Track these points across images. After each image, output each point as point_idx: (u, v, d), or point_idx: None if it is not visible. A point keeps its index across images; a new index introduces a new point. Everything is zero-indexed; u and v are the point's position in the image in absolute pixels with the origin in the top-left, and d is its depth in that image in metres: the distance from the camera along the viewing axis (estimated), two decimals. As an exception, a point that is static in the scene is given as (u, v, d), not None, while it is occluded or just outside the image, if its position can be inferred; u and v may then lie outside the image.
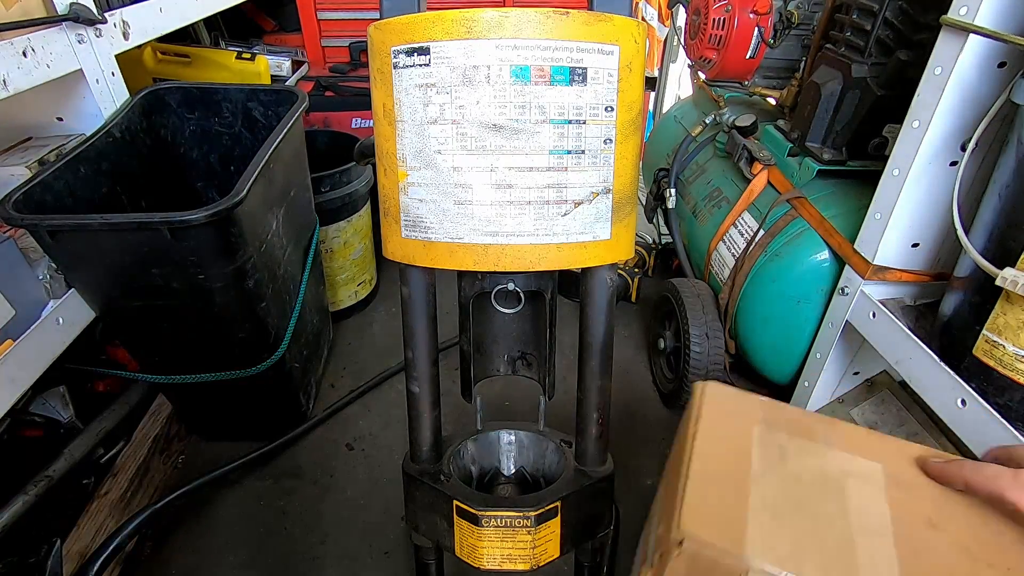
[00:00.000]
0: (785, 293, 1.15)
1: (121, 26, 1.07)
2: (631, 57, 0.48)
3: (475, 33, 0.44)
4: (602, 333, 0.58)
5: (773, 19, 1.37)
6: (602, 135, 0.48)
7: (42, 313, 0.87)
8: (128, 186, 1.08)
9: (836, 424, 0.44)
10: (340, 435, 1.33)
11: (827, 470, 0.39)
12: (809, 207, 1.14)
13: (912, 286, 0.98)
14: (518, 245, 0.49)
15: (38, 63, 0.87)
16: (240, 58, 1.65)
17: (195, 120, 1.25)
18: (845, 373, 1.14)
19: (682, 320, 1.29)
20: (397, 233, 0.52)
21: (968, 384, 0.78)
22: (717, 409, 0.44)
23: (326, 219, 1.45)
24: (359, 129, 1.89)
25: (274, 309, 1.08)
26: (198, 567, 1.06)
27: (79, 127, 1.07)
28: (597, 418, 0.61)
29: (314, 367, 1.40)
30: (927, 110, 0.83)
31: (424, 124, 0.47)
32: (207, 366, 1.07)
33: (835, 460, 0.40)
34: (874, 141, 1.09)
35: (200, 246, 0.86)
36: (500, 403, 1.40)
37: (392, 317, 1.71)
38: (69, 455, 0.99)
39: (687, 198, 1.57)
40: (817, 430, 0.42)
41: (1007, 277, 0.70)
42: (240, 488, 1.20)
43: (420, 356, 0.60)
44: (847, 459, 0.40)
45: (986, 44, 0.76)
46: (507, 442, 0.71)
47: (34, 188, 0.85)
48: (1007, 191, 0.74)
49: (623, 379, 1.51)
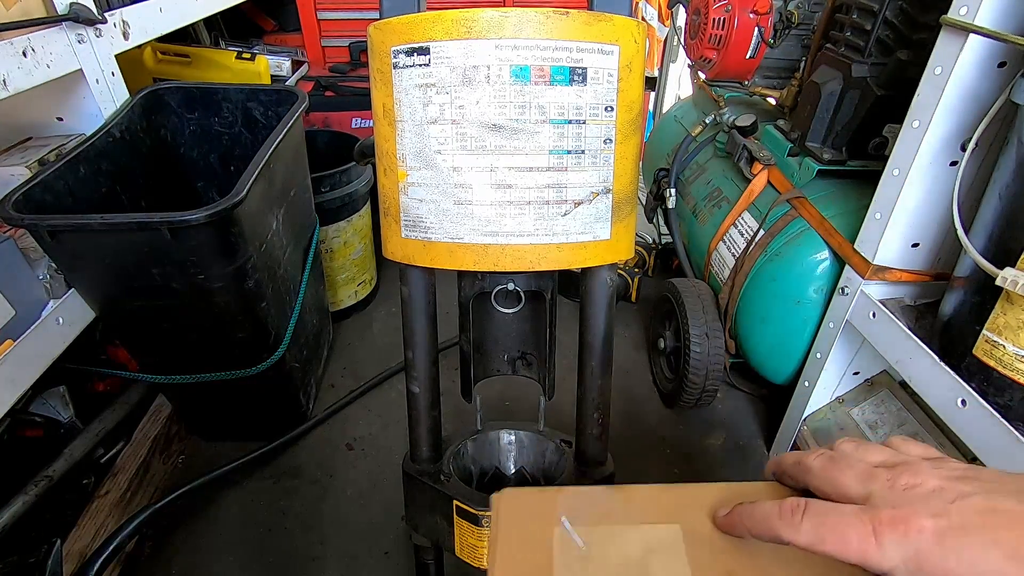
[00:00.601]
0: (785, 293, 1.15)
1: (121, 26, 1.07)
2: (631, 57, 0.48)
3: (475, 33, 0.44)
4: (602, 333, 0.58)
5: (773, 19, 1.37)
6: (602, 135, 0.48)
7: (42, 313, 0.87)
8: (128, 186, 1.08)
9: (633, 493, 0.44)
10: (340, 435, 1.33)
11: (629, 553, 0.39)
12: (809, 207, 1.14)
13: (912, 286, 0.98)
14: (518, 245, 0.49)
15: (38, 63, 0.87)
16: (240, 58, 1.65)
17: (195, 120, 1.25)
18: (845, 373, 1.14)
19: (682, 320, 1.29)
20: (397, 233, 0.52)
21: (968, 384, 0.78)
22: (515, 516, 0.43)
23: (326, 219, 1.45)
24: (359, 129, 1.90)
25: (274, 309, 1.08)
26: (198, 567, 1.06)
27: (79, 127, 1.07)
28: (597, 418, 0.61)
29: (314, 367, 1.40)
30: (927, 110, 0.83)
31: (424, 124, 0.47)
32: (207, 366, 1.07)
33: (635, 539, 0.40)
34: (874, 141, 1.09)
35: (200, 246, 0.86)
36: (500, 403, 1.40)
37: (392, 317, 1.71)
38: (69, 455, 0.99)
39: (687, 198, 1.57)
40: (616, 511, 0.42)
41: (1007, 277, 0.70)
42: (240, 488, 1.20)
43: (420, 356, 0.60)
44: (647, 533, 0.40)
45: (986, 44, 0.76)
46: (507, 442, 0.71)
47: (34, 188, 0.85)
48: (1007, 191, 0.74)
49: (623, 379, 1.51)
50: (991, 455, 0.76)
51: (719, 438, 1.36)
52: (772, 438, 1.31)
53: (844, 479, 0.34)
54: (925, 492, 0.31)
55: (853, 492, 0.33)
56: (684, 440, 1.35)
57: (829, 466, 0.36)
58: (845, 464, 0.35)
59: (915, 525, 0.30)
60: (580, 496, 0.44)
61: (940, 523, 0.29)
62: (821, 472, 0.36)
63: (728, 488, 0.42)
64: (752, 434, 1.37)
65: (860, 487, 0.33)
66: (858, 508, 0.32)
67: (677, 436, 1.36)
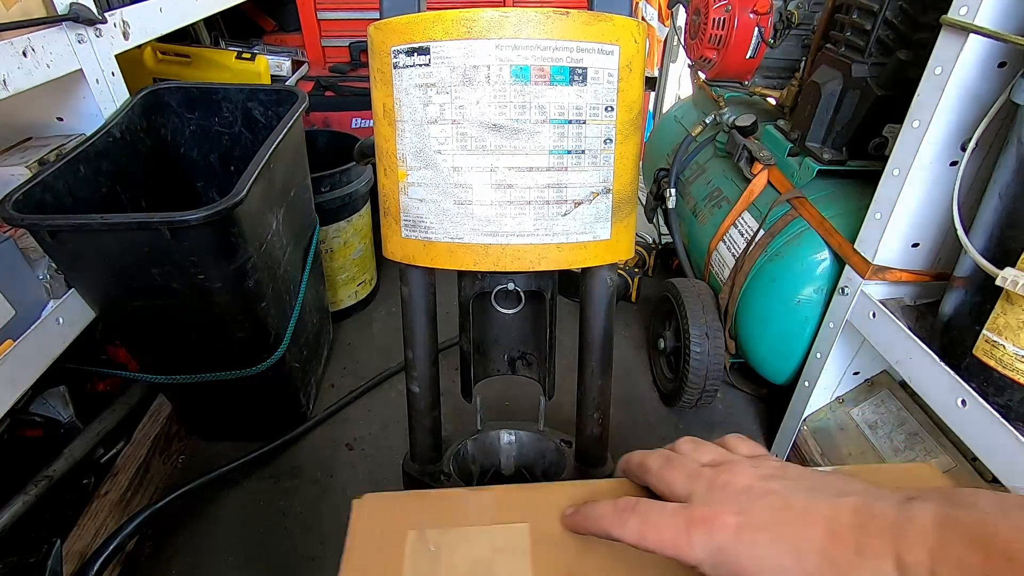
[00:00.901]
0: (785, 293, 1.15)
1: (121, 26, 1.07)
2: (631, 57, 0.48)
3: (475, 33, 0.44)
4: (602, 333, 0.58)
5: (773, 19, 1.37)
6: (602, 135, 0.48)
7: (42, 313, 0.87)
8: (128, 186, 1.08)
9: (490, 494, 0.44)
10: (340, 435, 1.33)
11: (477, 556, 0.39)
12: (809, 207, 1.14)
13: (912, 286, 0.98)
14: (518, 245, 0.49)
15: (38, 63, 0.87)
16: (240, 58, 1.65)
17: (195, 120, 1.25)
18: (845, 373, 1.14)
19: (682, 320, 1.29)
20: (397, 233, 0.52)
21: (968, 384, 0.78)
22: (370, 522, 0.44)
23: (326, 219, 1.45)
24: (359, 129, 1.90)
25: (274, 309, 1.08)
26: (198, 567, 1.06)
27: (79, 127, 1.07)
28: (597, 418, 0.61)
29: (314, 367, 1.40)
30: (927, 110, 0.83)
31: (424, 124, 0.47)
32: (207, 366, 1.07)
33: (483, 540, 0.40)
34: (874, 141, 1.09)
35: (200, 246, 0.86)
36: (500, 403, 1.40)
37: (392, 317, 1.71)
38: (69, 455, 0.99)
39: (687, 198, 1.57)
40: (472, 513, 0.43)
41: (1007, 277, 0.70)
42: (240, 488, 1.20)
43: (420, 356, 0.60)
44: (496, 533, 0.41)
45: (986, 44, 0.76)
46: (507, 442, 0.71)
47: (34, 188, 0.85)
48: (1007, 191, 0.74)
49: (623, 379, 1.51)
50: (991, 455, 0.76)
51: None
52: (772, 438, 1.31)
53: (674, 479, 0.37)
54: (735, 491, 0.33)
55: (680, 491, 0.36)
56: (684, 440, 1.35)
57: (664, 466, 0.38)
58: (678, 464, 0.38)
59: (719, 522, 0.32)
60: (439, 499, 0.45)
61: (740, 520, 0.32)
62: (657, 472, 0.38)
63: (581, 486, 0.43)
64: (752, 434, 1.37)
65: (686, 486, 0.36)
66: (677, 506, 0.34)
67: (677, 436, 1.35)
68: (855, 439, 1.12)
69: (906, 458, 1.03)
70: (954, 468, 0.98)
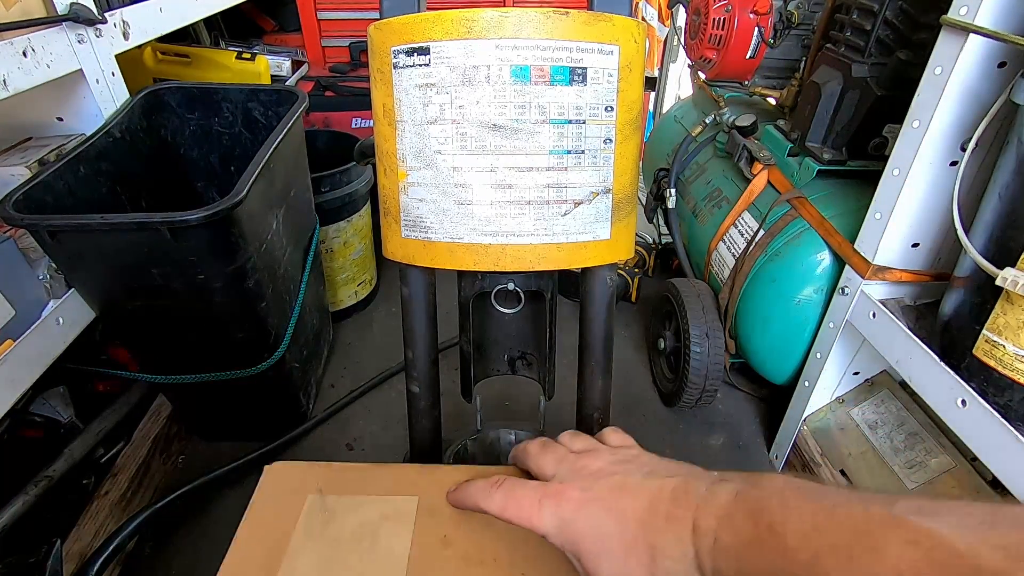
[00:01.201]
0: (785, 293, 1.15)
1: (121, 26, 1.07)
2: (631, 57, 0.48)
3: (475, 33, 0.44)
4: (602, 333, 0.58)
5: (773, 19, 1.37)
6: (602, 135, 0.48)
7: (42, 313, 0.87)
8: (128, 186, 1.08)
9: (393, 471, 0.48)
10: (340, 435, 1.33)
11: (365, 520, 0.43)
12: (809, 207, 1.14)
13: (912, 286, 0.98)
14: (518, 245, 0.49)
15: (38, 63, 0.87)
16: (240, 58, 1.65)
17: (195, 120, 1.25)
18: (845, 373, 1.14)
19: (682, 320, 1.29)
20: (397, 233, 0.52)
21: (968, 384, 0.78)
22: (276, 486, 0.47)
23: (326, 219, 1.45)
24: (359, 129, 1.89)
25: (274, 309, 1.08)
26: (198, 567, 1.06)
27: (79, 127, 1.07)
28: (597, 418, 0.61)
29: (314, 367, 1.40)
30: (927, 110, 0.83)
31: (424, 124, 0.47)
32: (207, 366, 1.07)
33: (375, 507, 0.44)
34: (874, 141, 1.09)
35: (200, 246, 0.86)
36: (500, 403, 1.40)
37: (392, 317, 1.71)
38: (69, 455, 0.99)
39: (687, 198, 1.57)
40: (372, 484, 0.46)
41: (1007, 277, 0.70)
42: (240, 488, 1.19)
43: (420, 356, 0.60)
44: (387, 502, 0.44)
45: (986, 44, 0.76)
46: (507, 442, 0.71)
47: (34, 188, 0.85)
48: (1007, 191, 0.74)
49: (623, 379, 1.51)
50: (991, 455, 0.76)
51: (719, 438, 1.36)
52: (772, 438, 1.31)
53: (546, 463, 0.41)
54: (589, 472, 0.38)
55: (548, 473, 0.40)
56: (684, 440, 1.35)
57: (540, 451, 0.42)
58: (551, 449, 0.42)
59: (566, 496, 0.37)
60: (343, 470, 0.48)
61: (584, 495, 0.36)
62: (534, 457, 0.42)
63: (473, 469, 0.47)
64: (752, 434, 1.37)
65: (553, 468, 0.40)
66: (537, 483, 0.39)
67: (677, 436, 1.36)
68: (855, 439, 1.12)
69: (906, 458, 1.03)
70: (954, 468, 0.98)
